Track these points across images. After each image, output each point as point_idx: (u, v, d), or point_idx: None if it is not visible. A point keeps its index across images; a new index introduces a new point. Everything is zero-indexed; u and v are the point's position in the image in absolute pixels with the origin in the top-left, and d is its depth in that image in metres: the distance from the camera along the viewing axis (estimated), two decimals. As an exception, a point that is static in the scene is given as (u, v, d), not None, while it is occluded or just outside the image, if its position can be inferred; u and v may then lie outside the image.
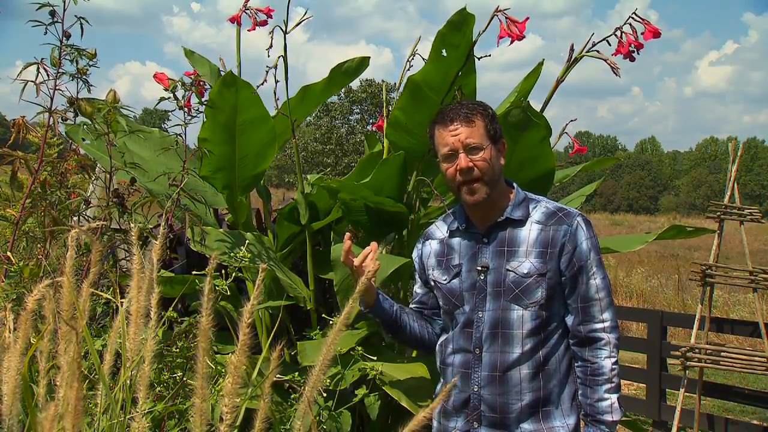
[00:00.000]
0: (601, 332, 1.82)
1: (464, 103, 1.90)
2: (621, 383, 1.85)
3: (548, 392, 1.83)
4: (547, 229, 1.83)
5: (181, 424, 1.91)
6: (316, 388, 1.16)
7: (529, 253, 1.82)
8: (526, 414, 1.82)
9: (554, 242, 1.82)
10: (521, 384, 1.81)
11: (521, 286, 1.81)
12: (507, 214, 1.86)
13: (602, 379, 1.82)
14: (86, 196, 2.60)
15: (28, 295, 1.17)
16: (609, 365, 1.82)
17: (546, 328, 1.83)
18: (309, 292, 2.75)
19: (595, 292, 1.83)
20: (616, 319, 1.86)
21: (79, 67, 2.34)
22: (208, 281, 1.14)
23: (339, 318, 1.17)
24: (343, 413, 2.30)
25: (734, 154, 4.69)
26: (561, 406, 1.84)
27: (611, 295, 1.86)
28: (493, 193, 1.86)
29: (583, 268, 1.82)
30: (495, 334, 1.82)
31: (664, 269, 13.69)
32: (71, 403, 1.01)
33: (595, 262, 1.83)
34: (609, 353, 1.82)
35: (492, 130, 1.85)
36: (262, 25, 2.81)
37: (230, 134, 2.62)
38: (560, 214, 1.85)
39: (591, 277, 1.83)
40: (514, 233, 1.85)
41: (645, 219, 40.20)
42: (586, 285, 1.83)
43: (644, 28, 2.52)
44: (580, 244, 1.82)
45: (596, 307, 1.83)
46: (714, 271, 4.64)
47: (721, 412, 5.63)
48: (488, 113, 1.87)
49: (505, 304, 1.83)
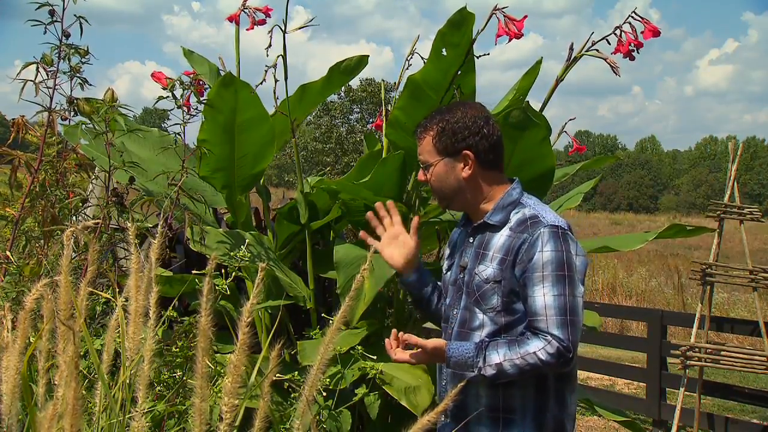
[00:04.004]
0: (545, 334, 1.71)
1: (428, 117, 1.91)
2: (521, 371, 1.69)
3: (509, 400, 1.78)
4: (513, 236, 1.80)
5: (180, 423, 1.91)
6: (315, 388, 1.16)
7: (493, 259, 1.81)
8: (485, 417, 1.80)
9: (512, 250, 1.78)
10: (478, 387, 1.80)
11: (481, 290, 1.81)
12: (485, 218, 1.86)
13: (517, 346, 1.71)
14: (85, 196, 2.60)
15: (27, 294, 1.17)
16: (534, 347, 1.69)
17: (505, 334, 1.79)
18: (309, 291, 2.75)
19: (541, 307, 1.71)
20: (568, 340, 1.70)
21: (72, 64, 2.33)
22: (207, 281, 1.13)
23: (337, 317, 1.17)
24: (343, 412, 2.30)
25: (734, 153, 4.70)
26: (525, 418, 1.78)
27: (570, 315, 1.71)
28: (455, 203, 1.91)
29: (531, 280, 1.73)
30: (461, 332, 1.85)
31: (664, 268, 13.69)
32: (70, 403, 1.01)
33: (550, 277, 1.72)
34: (543, 345, 1.69)
35: (441, 145, 1.85)
36: (260, 24, 2.81)
37: (229, 134, 2.62)
38: (528, 223, 1.79)
39: (538, 290, 1.72)
40: (490, 237, 1.85)
41: (645, 218, 40.22)
42: (532, 298, 1.73)
43: (644, 27, 2.52)
44: (534, 255, 1.74)
45: (542, 323, 1.71)
46: (714, 270, 4.64)
47: (721, 411, 5.63)
48: (440, 128, 1.85)
49: (470, 305, 1.84)
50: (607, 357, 7.13)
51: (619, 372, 6.15)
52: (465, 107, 1.89)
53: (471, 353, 1.74)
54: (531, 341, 1.72)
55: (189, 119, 2.48)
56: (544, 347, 1.69)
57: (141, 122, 3.14)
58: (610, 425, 5.32)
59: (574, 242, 1.79)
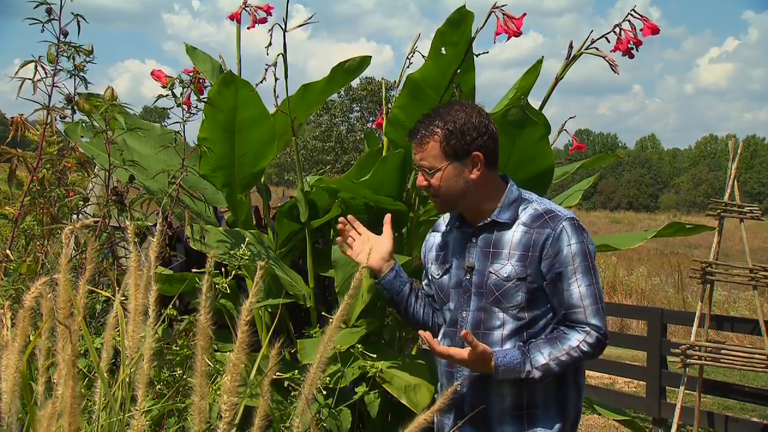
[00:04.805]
0: (583, 325, 1.76)
1: (427, 120, 1.84)
2: (565, 366, 1.74)
3: (532, 396, 1.78)
4: (531, 232, 1.79)
5: (180, 422, 1.91)
6: (314, 386, 1.16)
7: (511, 256, 1.79)
8: (508, 416, 1.80)
9: (536, 246, 1.77)
10: (502, 385, 1.79)
11: (501, 289, 1.79)
12: (494, 217, 1.84)
13: (559, 342, 1.74)
14: (85, 194, 2.60)
15: (27, 292, 1.17)
16: (575, 341, 1.74)
17: (528, 330, 1.79)
18: (309, 290, 2.75)
19: (578, 299, 1.76)
20: (604, 327, 1.77)
21: (76, 63, 2.33)
22: (206, 279, 1.13)
23: (336, 316, 1.17)
24: (343, 411, 2.30)
25: (734, 152, 4.69)
26: (548, 410, 1.79)
27: (600, 302, 1.77)
28: (460, 206, 1.88)
29: (563, 273, 1.76)
30: (476, 334, 1.81)
31: (665, 267, 13.69)
32: (68, 402, 1.01)
33: (580, 269, 1.76)
34: (584, 337, 1.74)
35: (451, 149, 1.80)
36: (261, 22, 2.80)
37: (229, 133, 2.62)
38: (546, 217, 1.80)
39: (573, 283, 1.76)
40: (500, 235, 1.83)
41: (645, 217, 40.21)
42: (568, 291, 1.76)
43: (643, 25, 2.52)
44: (562, 248, 1.76)
45: (580, 314, 1.76)
46: (714, 269, 4.64)
47: (721, 410, 5.64)
48: (447, 131, 1.80)
49: (487, 305, 1.82)
50: (607, 355, 7.12)
51: (619, 370, 6.15)
52: (463, 107, 1.85)
53: (518, 359, 1.73)
54: (571, 335, 1.75)
55: (189, 117, 2.48)
56: (585, 339, 1.74)
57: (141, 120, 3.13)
58: (610, 424, 5.33)
59: (587, 231, 1.84)
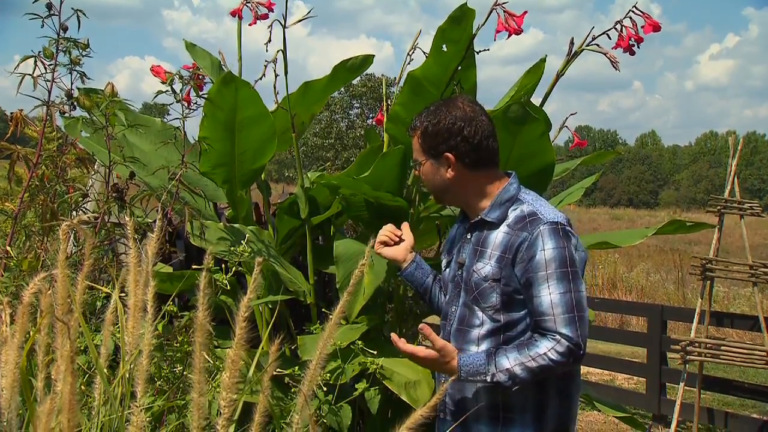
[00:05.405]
0: (553, 334, 1.69)
1: (419, 114, 1.91)
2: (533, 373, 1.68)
3: (507, 398, 1.76)
4: (511, 234, 1.77)
5: (180, 418, 1.91)
6: (314, 382, 1.16)
7: (492, 257, 1.79)
8: (484, 416, 1.79)
9: (512, 248, 1.75)
10: (476, 385, 1.78)
11: (479, 288, 1.80)
12: (482, 215, 1.84)
13: (526, 348, 1.69)
14: (85, 190, 2.60)
15: (26, 288, 1.17)
16: (543, 348, 1.68)
17: (506, 333, 1.78)
18: (309, 286, 2.75)
19: (548, 306, 1.69)
20: (577, 337, 1.68)
21: (72, 57, 2.33)
22: (204, 275, 1.13)
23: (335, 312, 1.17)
24: (343, 407, 2.30)
25: (734, 149, 4.69)
26: (524, 416, 1.77)
27: (577, 311, 1.70)
28: (447, 200, 1.97)
29: (534, 279, 1.71)
30: (460, 330, 1.83)
31: (665, 264, 13.69)
32: (66, 398, 1.01)
33: (555, 275, 1.70)
34: (553, 345, 1.68)
35: (426, 146, 1.86)
36: (263, 18, 2.80)
37: (230, 131, 2.62)
38: (528, 220, 1.77)
39: (543, 290, 1.70)
40: (488, 234, 1.83)
41: (645, 213, 40.17)
42: (538, 298, 1.71)
43: (644, 22, 2.51)
44: (535, 254, 1.71)
45: (549, 323, 1.69)
46: (714, 266, 4.64)
47: (721, 406, 5.64)
48: (424, 128, 1.85)
49: (469, 302, 1.83)
50: (607, 352, 7.13)
51: (619, 367, 6.16)
52: (449, 107, 1.85)
53: (482, 361, 1.71)
54: (540, 342, 1.70)
55: (189, 114, 2.47)
56: (554, 347, 1.68)
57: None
58: (609, 420, 5.33)
59: (574, 237, 1.78)
